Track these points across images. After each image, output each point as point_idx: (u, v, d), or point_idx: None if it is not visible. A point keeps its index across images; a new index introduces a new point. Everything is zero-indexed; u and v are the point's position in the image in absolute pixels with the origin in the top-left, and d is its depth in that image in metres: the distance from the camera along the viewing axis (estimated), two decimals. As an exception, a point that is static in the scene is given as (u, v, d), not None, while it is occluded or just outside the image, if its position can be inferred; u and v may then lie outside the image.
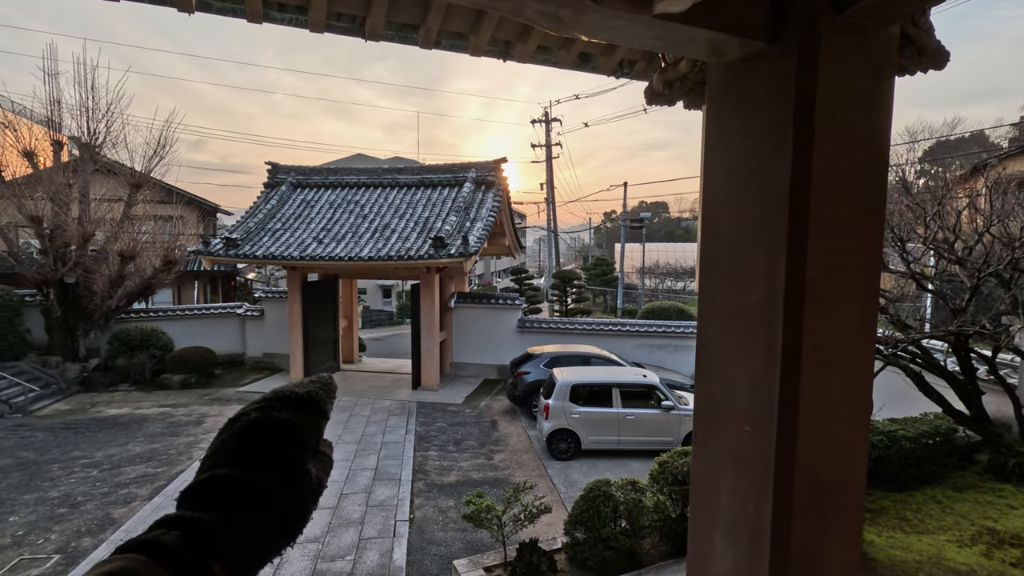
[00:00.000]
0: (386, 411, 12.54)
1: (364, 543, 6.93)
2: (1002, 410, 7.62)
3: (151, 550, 0.51)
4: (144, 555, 0.50)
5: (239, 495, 0.58)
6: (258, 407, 0.64)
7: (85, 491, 8.42)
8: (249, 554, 0.57)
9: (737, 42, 1.43)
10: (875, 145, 1.51)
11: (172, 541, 0.52)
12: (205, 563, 0.53)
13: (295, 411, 0.64)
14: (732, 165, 1.64)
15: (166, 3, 1.98)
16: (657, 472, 6.49)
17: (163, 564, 0.50)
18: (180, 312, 17.26)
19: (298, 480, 0.62)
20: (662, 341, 15.26)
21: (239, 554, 0.56)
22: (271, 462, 0.61)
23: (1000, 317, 7.42)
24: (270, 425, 0.63)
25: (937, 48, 1.66)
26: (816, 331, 1.47)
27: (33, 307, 14.93)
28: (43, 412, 12.70)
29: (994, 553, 5.54)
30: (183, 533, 0.54)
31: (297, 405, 0.65)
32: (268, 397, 0.66)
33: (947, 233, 7.22)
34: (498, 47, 2.36)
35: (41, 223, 13.97)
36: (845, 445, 1.59)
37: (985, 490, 6.95)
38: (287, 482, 0.61)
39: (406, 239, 14.02)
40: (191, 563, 0.52)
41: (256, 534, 0.58)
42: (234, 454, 0.61)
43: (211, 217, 25.23)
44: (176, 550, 0.52)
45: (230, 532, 0.56)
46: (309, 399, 0.66)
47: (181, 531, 0.54)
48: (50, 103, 14.58)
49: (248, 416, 0.63)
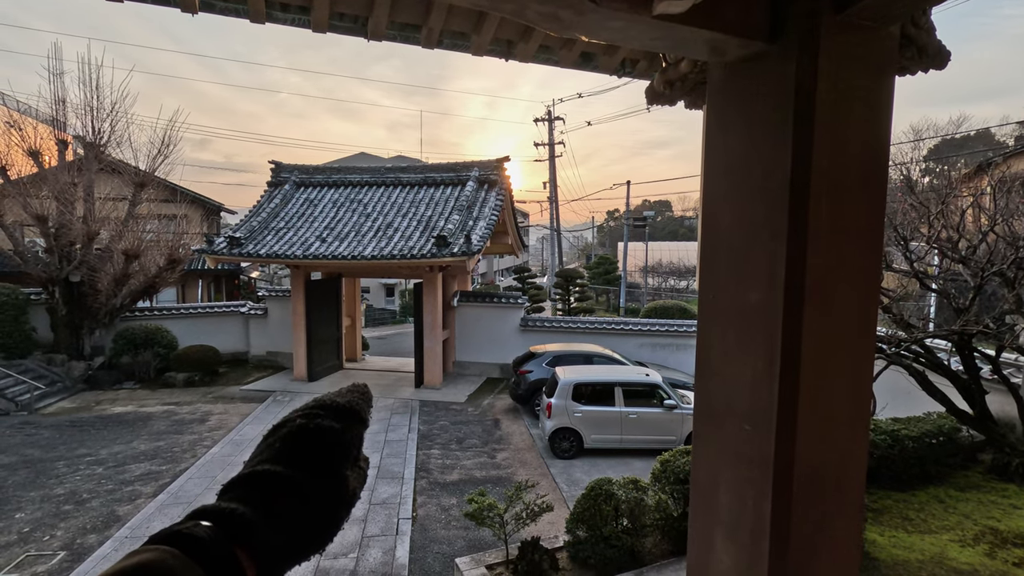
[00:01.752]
0: (389, 409, 12.58)
1: (367, 541, 6.96)
2: (1006, 410, 7.59)
3: (182, 542, 0.51)
4: (175, 547, 0.50)
5: (280, 490, 0.60)
6: (303, 414, 0.66)
7: (90, 488, 8.47)
8: (282, 551, 0.58)
9: (737, 42, 1.43)
10: (875, 145, 1.52)
11: (203, 533, 0.53)
12: (235, 556, 0.53)
13: (337, 419, 0.66)
14: (732, 164, 1.65)
15: (170, 3, 1.99)
16: (659, 471, 6.49)
17: (193, 556, 0.50)
18: (184, 311, 17.34)
19: (338, 485, 0.64)
20: (665, 340, 15.25)
21: (272, 550, 0.57)
22: (314, 465, 0.63)
23: (1004, 316, 7.39)
24: (315, 431, 0.64)
25: (938, 48, 1.66)
26: (816, 330, 1.47)
27: (38, 305, 15.03)
28: (48, 410, 12.78)
29: (997, 553, 5.53)
30: (216, 525, 0.54)
31: (339, 414, 0.67)
32: (311, 405, 0.68)
33: (951, 232, 7.19)
34: (500, 47, 2.37)
35: (46, 222, 14.05)
36: (845, 444, 1.59)
37: (988, 490, 6.93)
38: (327, 486, 0.63)
39: (409, 238, 14.04)
40: (221, 556, 0.52)
41: (292, 532, 0.59)
42: (278, 454, 0.62)
43: (215, 216, 25.30)
44: (207, 543, 0.52)
45: (266, 526, 0.57)
46: (351, 408, 0.68)
47: (214, 523, 0.55)
48: (55, 102, 14.67)
49: (294, 423, 0.65)
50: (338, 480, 0.64)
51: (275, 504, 0.58)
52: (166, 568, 0.48)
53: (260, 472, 0.61)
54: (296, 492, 0.60)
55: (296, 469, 0.61)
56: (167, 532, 0.52)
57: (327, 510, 0.62)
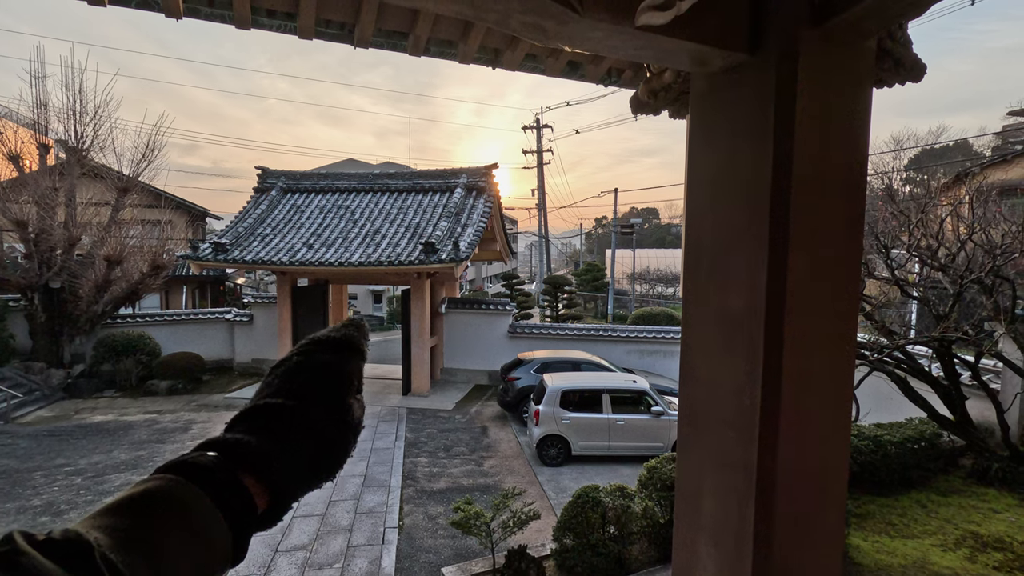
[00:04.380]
0: (376, 417, 12.47)
1: (352, 550, 6.87)
2: (985, 415, 7.72)
3: (187, 470, 0.52)
4: (180, 475, 0.51)
5: (283, 420, 0.61)
6: (299, 351, 0.67)
7: (68, 499, 8.28)
8: (291, 478, 0.59)
9: (719, 53, 1.46)
10: (854, 154, 1.55)
11: (207, 462, 0.54)
12: (239, 481, 0.54)
13: (334, 352, 0.67)
14: (715, 173, 1.67)
15: (153, 8, 1.98)
16: (646, 478, 6.50)
17: (199, 484, 0.51)
18: (168, 317, 17.08)
19: (342, 412, 0.65)
20: (652, 347, 15.32)
21: (281, 477, 0.58)
22: (315, 395, 0.64)
23: (983, 323, 7.53)
24: (313, 365, 0.65)
25: (914, 61, 1.70)
26: (797, 336, 1.50)
27: (17, 312, 14.72)
28: (26, 419, 12.49)
29: (978, 557, 5.61)
30: (221, 453, 0.55)
31: (336, 347, 0.68)
32: (306, 342, 0.69)
33: (930, 240, 7.33)
34: (487, 55, 2.39)
35: (26, 227, 13.79)
36: (827, 449, 1.61)
37: (969, 494, 7.03)
38: (330, 414, 0.63)
39: (397, 244, 13.99)
40: (225, 482, 0.53)
41: (299, 459, 0.60)
42: (279, 390, 0.63)
43: (200, 221, 25.03)
44: (212, 470, 0.53)
45: (273, 453, 0.58)
46: (347, 341, 0.69)
47: (220, 453, 0.55)
48: (37, 106, 14.45)
49: (291, 360, 0.66)
50: (341, 408, 0.65)
51: (279, 433, 0.59)
52: (172, 495, 0.49)
53: (263, 405, 0.62)
54: (299, 421, 0.61)
55: (297, 400, 0.62)
56: (173, 462, 0.53)
57: (333, 437, 0.63)
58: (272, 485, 0.57)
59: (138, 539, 0.45)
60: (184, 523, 0.48)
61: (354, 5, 2.11)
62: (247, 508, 0.54)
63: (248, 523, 0.54)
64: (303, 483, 0.61)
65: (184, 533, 0.48)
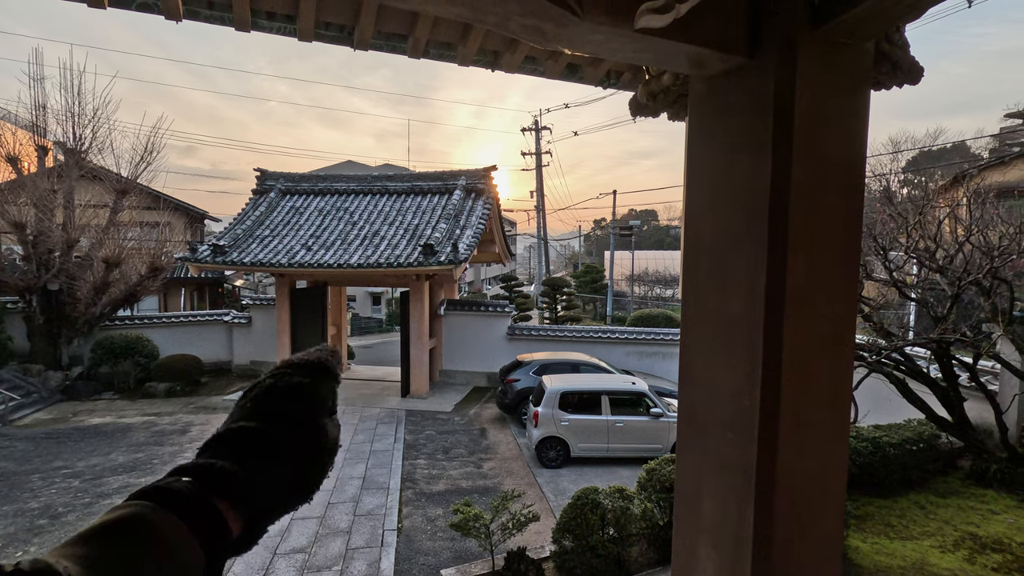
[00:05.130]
0: (375, 419, 12.46)
1: (351, 553, 6.86)
2: (983, 416, 7.73)
3: (161, 496, 0.52)
4: (154, 501, 0.51)
5: (255, 444, 0.60)
6: (272, 374, 0.67)
7: (66, 502, 8.26)
8: (265, 501, 0.59)
9: (718, 56, 1.46)
10: (852, 156, 1.55)
11: (181, 487, 0.53)
12: (214, 506, 0.54)
13: (306, 375, 0.67)
14: (714, 175, 1.68)
15: (153, 10, 1.99)
16: (645, 479, 6.50)
17: (172, 509, 0.51)
18: (166, 319, 17.05)
19: (316, 434, 0.65)
20: (651, 348, 15.32)
21: (254, 499, 0.57)
22: (288, 418, 0.64)
23: (981, 325, 7.55)
24: (285, 387, 0.65)
25: (912, 64, 1.71)
26: (796, 339, 1.50)
27: (15, 314, 14.68)
28: (23, 421, 12.45)
29: (976, 558, 5.61)
30: (194, 479, 0.55)
31: (308, 370, 0.68)
32: (279, 365, 0.69)
33: (928, 242, 7.35)
34: (487, 57, 2.39)
35: (24, 229, 13.77)
36: (825, 451, 1.61)
37: (968, 496, 7.04)
38: (304, 436, 0.64)
39: (396, 246, 13.99)
40: (199, 508, 0.53)
41: (273, 481, 0.60)
42: (251, 413, 0.63)
43: (199, 223, 24.99)
44: (186, 496, 0.53)
45: (245, 478, 0.57)
46: (320, 363, 0.70)
47: (193, 477, 0.55)
48: (35, 108, 14.44)
49: (263, 383, 0.66)
50: (315, 429, 0.65)
51: (253, 457, 0.59)
52: (146, 522, 0.49)
53: (234, 429, 0.62)
54: (273, 444, 0.61)
55: (270, 423, 0.62)
56: (147, 488, 0.53)
57: (307, 459, 0.63)
58: (246, 509, 0.57)
59: (111, 568, 0.44)
60: (158, 551, 0.48)
61: (354, 7, 2.11)
62: (221, 533, 0.54)
63: (222, 548, 0.54)
64: (278, 506, 0.60)
65: (158, 561, 0.47)
